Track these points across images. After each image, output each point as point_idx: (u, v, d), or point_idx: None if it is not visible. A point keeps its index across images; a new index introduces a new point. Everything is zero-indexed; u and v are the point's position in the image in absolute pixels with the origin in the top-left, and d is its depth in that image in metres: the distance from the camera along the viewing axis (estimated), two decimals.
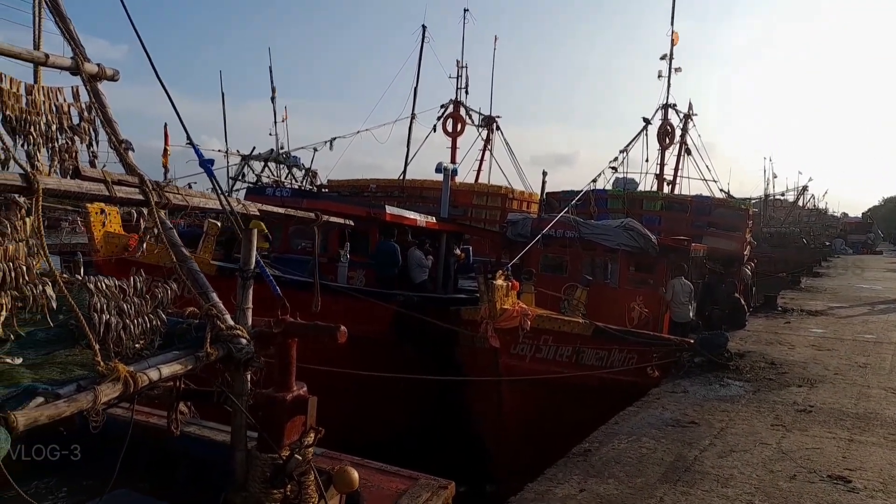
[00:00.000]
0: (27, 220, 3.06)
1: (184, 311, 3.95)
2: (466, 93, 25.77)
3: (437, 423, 11.90)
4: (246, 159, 21.52)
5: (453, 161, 24.48)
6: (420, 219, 14.44)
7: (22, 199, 3.09)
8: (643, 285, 14.34)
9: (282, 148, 23.04)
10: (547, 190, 17.90)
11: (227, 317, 3.61)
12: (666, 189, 24.25)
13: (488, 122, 26.74)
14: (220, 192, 4.13)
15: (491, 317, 9.57)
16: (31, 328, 3.17)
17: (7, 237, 2.96)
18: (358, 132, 24.29)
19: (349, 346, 5.68)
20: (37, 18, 4.69)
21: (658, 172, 24.45)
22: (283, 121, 23.52)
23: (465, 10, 26.34)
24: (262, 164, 21.56)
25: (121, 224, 10.35)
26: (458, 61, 25.70)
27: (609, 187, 20.14)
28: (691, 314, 13.94)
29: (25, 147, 3.44)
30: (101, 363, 2.91)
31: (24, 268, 2.99)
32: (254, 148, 21.74)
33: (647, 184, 23.19)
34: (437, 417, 11.88)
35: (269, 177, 21.56)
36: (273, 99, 24.08)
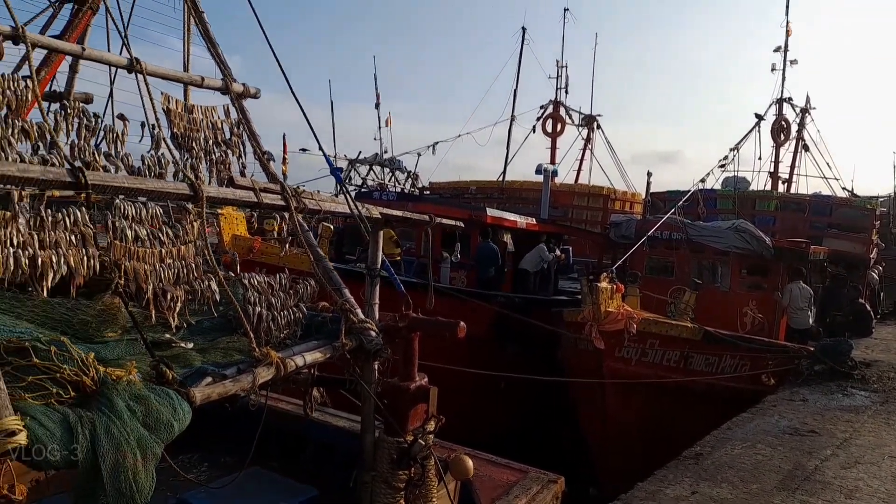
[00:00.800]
0: (195, 223, 3.52)
1: (317, 305, 4.36)
2: (566, 92, 25.65)
3: (538, 423, 11.99)
4: (352, 163, 22.56)
5: (553, 162, 24.39)
6: (520, 220, 14.57)
7: (190, 206, 3.57)
8: (757, 289, 13.70)
9: (385, 152, 23.96)
10: (651, 190, 17.48)
11: (359, 311, 3.95)
12: (781, 188, 22.88)
13: (589, 122, 26.42)
14: (348, 197, 4.49)
15: (595, 319, 9.56)
16: (199, 318, 3.63)
17: (180, 239, 3.43)
18: (459, 136, 24.75)
19: (453, 344, 5.95)
20: (186, 44, 5.29)
21: (772, 170, 23.11)
22: (386, 126, 24.43)
23: (566, 10, 26.18)
24: (368, 167, 22.53)
25: (246, 227, 11.27)
26: (557, 61, 25.64)
27: (718, 187, 19.29)
28: (810, 320, 13.13)
29: (189, 160, 3.94)
30: (257, 349, 3.32)
31: (194, 265, 3.44)
32: (360, 153, 22.77)
33: (759, 183, 21.97)
34: (538, 417, 11.97)
35: (373, 180, 22.49)
36: (377, 105, 25.09)
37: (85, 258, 2.88)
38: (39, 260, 2.72)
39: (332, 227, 12.06)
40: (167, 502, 5.01)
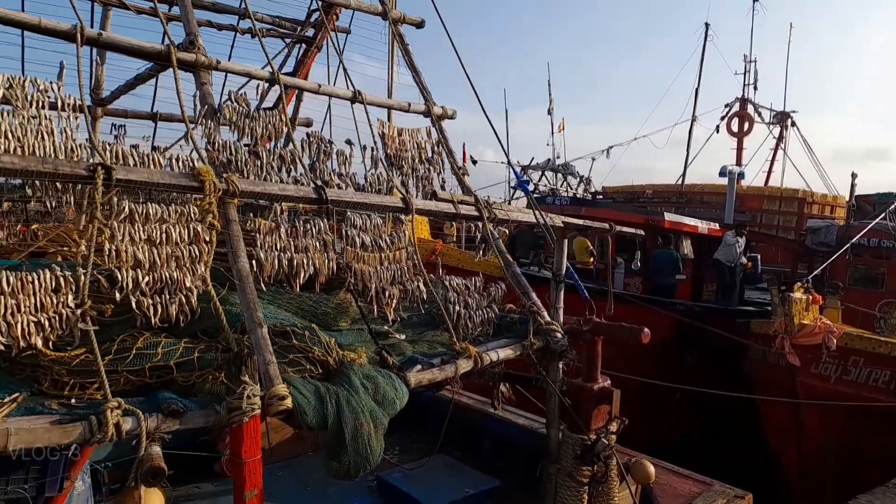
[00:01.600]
0: (406, 232, 4.05)
1: (504, 306, 4.73)
2: (755, 89, 23.87)
3: (719, 436, 11.43)
4: (525, 169, 23.01)
5: (739, 163, 22.85)
6: (701, 225, 13.93)
7: (402, 216, 4.12)
8: None
9: (558, 157, 24.11)
10: (857, 192, 15.73)
11: (545, 313, 4.26)
12: None
13: (781, 119, 24.34)
14: (535, 207, 4.81)
15: (787, 332, 8.96)
16: (409, 313, 4.17)
17: (395, 245, 3.98)
18: (635, 138, 24.14)
19: (629, 351, 5.97)
20: (390, 73, 5.97)
21: None
22: (559, 131, 24.56)
23: (755, 1, 24.36)
24: (540, 173, 22.84)
25: (429, 231, 12.14)
26: (745, 55, 23.96)
27: None
28: None
29: (400, 177, 4.52)
30: (457, 343, 3.76)
31: (405, 268, 3.97)
32: (532, 158, 23.16)
33: None
34: (719, 430, 11.41)
35: (545, 185, 22.74)
36: (550, 111, 25.34)
37: (326, 260, 3.50)
38: (295, 261, 3.38)
39: (506, 231, 12.52)
40: (366, 477, 5.69)
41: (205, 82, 3.66)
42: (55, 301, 2.55)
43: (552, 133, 24.92)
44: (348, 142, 4.28)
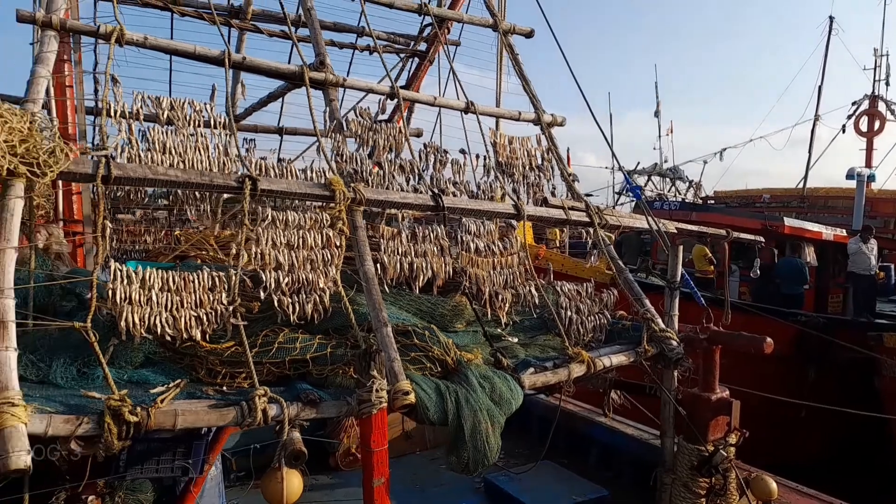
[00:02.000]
0: (517, 238, 4.15)
1: (615, 313, 4.69)
2: (887, 84, 21.96)
3: (846, 454, 10.62)
4: (630, 174, 22.41)
5: (869, 165, 21.07)
6: (826, 231, 13.01)
7: (514, 222, 4.22)
8: None
9: (665, 161, 23.31)
10: None
11: (659, 320, 4.20)
12: None
13: None
14: (648, 213, 4.75)
15: None
16: (521, 317, 4.26)
17: (507, 250, 4.08)
18: (751, 140, 22.90)
19: (747, 362, 5.67)
20: (499, 83, 6.08)
21: None
22: (667, 135, 23.75)
23: None
24: (646, 177, 22.18)
25: (532, 236, 12.12)
26: (875, 49, 22.11)
27: None
28: None
29: (511, 184, 4.62)
30: (570, 348, 3.80)
31: (517, 272, 4.06)
32: (638, 163, 22.53)
33: None
34: (847, 448, 10.60)
35: (652, 190, 22.05)
36: (657, 113, 24.55)
37: (444, 264, 3.66)
38: (415, 265, 3.56)
39: (613, 237, 12.30)
40: (473, 478, 5.79)
41: (333, 98, 3.95)
42: (211, 298, 2.85)
43: (659, 136, 24.14)
44: (462, 151, 4.43)
